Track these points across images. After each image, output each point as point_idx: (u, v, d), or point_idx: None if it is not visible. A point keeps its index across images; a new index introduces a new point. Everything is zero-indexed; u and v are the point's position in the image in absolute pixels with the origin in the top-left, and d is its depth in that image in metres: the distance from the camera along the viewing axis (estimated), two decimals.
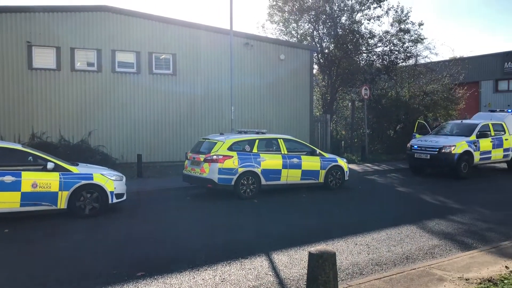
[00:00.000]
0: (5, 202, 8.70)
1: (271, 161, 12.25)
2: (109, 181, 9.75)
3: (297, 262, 6.68)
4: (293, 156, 12.69)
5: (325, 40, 24.46)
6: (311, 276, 4.54)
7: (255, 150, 12.14)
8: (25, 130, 15.75)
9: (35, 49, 16.12)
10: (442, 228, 8.75)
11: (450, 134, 16.84)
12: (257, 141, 12.34)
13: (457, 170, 15.48)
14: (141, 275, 6.09)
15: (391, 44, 23.94)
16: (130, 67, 17.43)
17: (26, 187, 8.83)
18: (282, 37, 25.16)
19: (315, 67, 24.22)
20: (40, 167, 9.13)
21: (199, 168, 11.81)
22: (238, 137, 12.31)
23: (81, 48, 16.71)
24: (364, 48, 24.24)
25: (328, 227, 8.99)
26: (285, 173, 12.43)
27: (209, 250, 7.26)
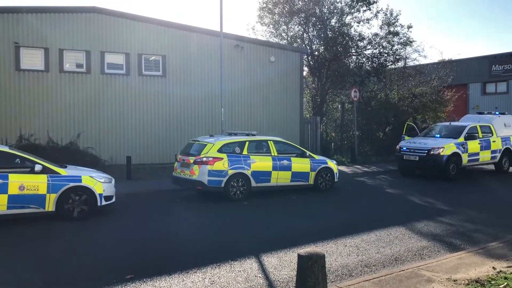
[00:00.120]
0: None
1: (261, 163, 12.24)
2: (98, 183, 9.67)
3: (286, 264, 6.68)
4: (283, 158, 12.70)
5: (315, 42, 24.59)
6: (300, 278, 4.54)
7: (245, 152, 12.13)
8: (13, 132, 15.60)
9: (23, 50, 15.97)
10: (431, 229, 8.81)
11: (438, 136, 16.97)
12: (247, 143, 12.32)
13: (445, 172, 15.60)
14: (130, 278, 6.05)
15: (381, 47, 24.15)
16: (119, 69, 17.34)
17: (13, 189, 8.71)
18: (272, 39, 25.24)
19: (305, 69, 24.34)
20: (28, 169, 9.03)
21: (188, 170, 11.77)
22: (228, 139, 12.29)
23: (70, 50, 16.59)
24: (353, 51, 24.40)
25: (318, 228, 9.00)
26: (275, 175, 12.44)
27: (198, 253, 7.24)
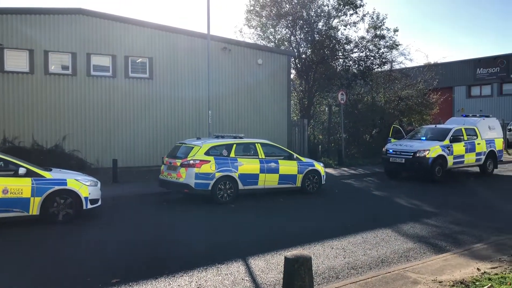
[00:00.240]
0: None
1: (248, 165, 12.23)
2: (83, 186, 9.57)
3: (274, 267, 6.68)
4: (271, 160, 12.71)
5: (302, 45, 24.67)
6: (287, 281, 4.54)
7: (232, 154, 12.11)
8: None
9: (7, 52, 15.73)
10: (417, 231, 8.88)
11: (424, 138, 17.14)
12: (235, 145, 12.31)
13: (431, 174, 15.74)
14: (115, 282, 6.00)
15: (367, 50, 24.32)
16: (105, 71, 17.20)
17: None
18: (260, 42, 25.27)
19: (293, 72, 24.40)
20: (12, 173, 8.89)
21: (175, 173, 11.71)
22: (215, 142, 12.27)
23: (55, 51, 16.40)
24: (340, 54, 24.54)
25: (305, 231, 9.01)
26: (262, 178, 12.44)
27: (185, 256, 7.21)
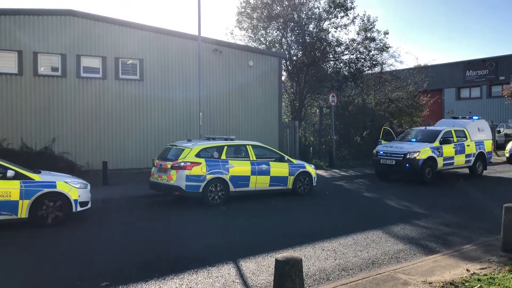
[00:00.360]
0: None
1: (239, 167, 12.22)
2: (73, 189, 9.50)
3: (264, 269, 6.67)
4: (262, 162, 12.70)
5: (293, 47, 24.73)
6: (277, 283, 4.53)
7: (223, 156, 12.09)
8: None
9: None
10: (407, 233, 8.92)
11: (414, 140, 17.24)
12: (226, 147, 12.29)
13: (421, 175, 15.83)
14: (105, 285, 5.95)
15: (358, 52, 24.44)
16: (96, 72, 17.09)
17: None
18: (251, 43, 25.29)
19: (284, 74, 24.43)
20: (0, 175, 8.81)
21: (166, 175, 11.66)
22: (206, 144, 12.24)
23: (45, 53, 16.28)
24: (331, 56, 24.64)
25: (296, 233, 9.01)
26: (253, 180, 12.42)
27: (175, 259, 7.17)
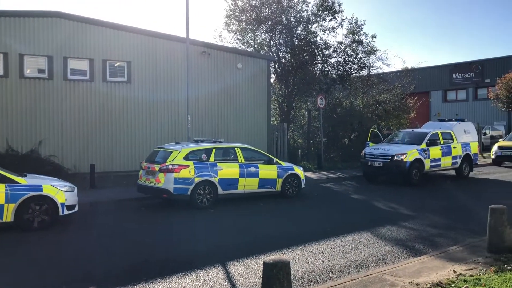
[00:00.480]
0: None
1: (228, 170, 12.20)
2: (59, 192, 9.40)
3: (253, 272, 6.66)
4: (250, 165, 12.70)
5: (281, 50, 24.79)
6: (265, 286, 4.53)
7: (212, 159, 12.06)
8: None
9: None
10: (395, 234, 8.98)
11: (401, 142, 17.37)
12: (214, 150, 12.27)
13: (408, 177, 15.95)
14: None
15: (345, 55, 24.57)
16: (83, 75, 16.96)
17: None
18: (240, 46, 25.30)
19: (272, 76, 24.48)
20: None
21: (154, 178, 11.60)
22: (195, 146, 12.20)
23: (31, 55, 16.11)
24: (319, 59, 24.74)
25: (285, 235, 9.02)
26: (242, 182, 12.42)
27: (163, 262, 7.12)
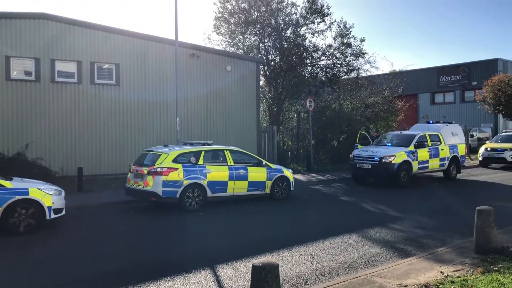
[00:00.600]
0: None
1: (217, 172, 12.17)
2: (46, 195, 9.30)
3: (242, 275, 6.64)
4: (240, 167, 12.68)
5: (271, 53, 24.84)
6: None
7: (201, 162, 12.02)
8: None
9: None
10: (383, 236, 9.02)
11: (390, 144, 17.48)
12: (203, 152, 12.22)
13: (397, 179, 16.05)
14: None
15: (334, 58, 24.70)
16: (71, 77, 16.82)
17: None
18: (229, 48, 25.29)
19: (262, 78, 24.52)
20: None
21: (142, 181, 11.53)
22: (183, 149, 12.15)
23: (18, 57, 15.95)
24: (308, 61, 24.84)
25: (274, 238, 9.02)
26: (231, 185, 12.39)
27: (152, 266, 7.08)
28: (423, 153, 17.00)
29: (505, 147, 22.43)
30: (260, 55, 24.37)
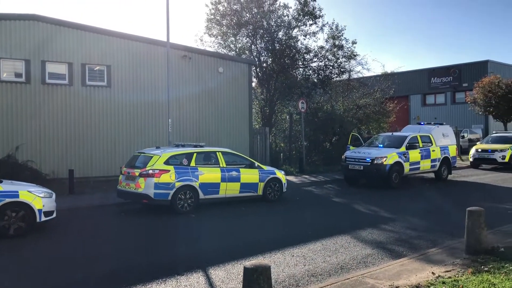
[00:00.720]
0: None
1: (209, 174, 12.15)
2: (37, 198, 9.21)
3: (234, 277, 6.63)
4: (232, 169, 12.67)
5: (263, 54, 24.87)
6: None
7: (193, 163, 11.99)
8: None
9: None
10: (375, 237, 9.05)
11: (381, 146, 17.55)
12: (195, 154, 12.19)
13: (388, 180, 16.12)
14: None
15: (326, 59, 24.78)
16: (62, 79, 16.72)
17: None
18: (221, 50, 25.28)
19: (254, 80, 24.53)
20: None
21: (134, 183, 11.47)
22: (175, 151, 12.12)
23: (8, 58, 15.82)
24: (300, 63, 24.91)
25: (266, 239, 9.01)
26: (223, 187, 12.37)
27: (144, 268, 7.04)
28: (414, 154, 17.09)
29: (496, 148, 22.62)
30: (252, 57, 24.39)
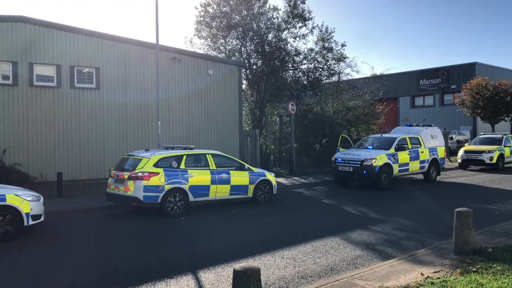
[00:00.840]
0: None
1: (199, 177, 12.11)
2: (24, 202, 9.11)
3: (224, 280, 6.61)
4: (222, 171, 12.64)
5: (253, 56, 24.92)
6: None
7: (182, 166, 11.95)
8: None
9: None
10: (364, 239, 9.09)
11: (371, 147, 17.65)
12: (185, 157, 12.15)
13: (378, 182, 16.21)
14: None
15: (316, 62, 24.87)
16: (50, 81, 16.58)
17: None
18: (211, 52, 25.26)
19: (244, 82, 24.54)
20: None
21: (123, 186, 11.40)
22: (165, 153, 12.06)
23: None
24: (290, 65, 24.97)
25: (256, 241, 9.00)
26: (213, 189, 12.34)
27: (133, 271, 6.99)
28: (403, 156, 17.20)
29: (483, 149, 22.87)
30: (242, 59, 24.40)
